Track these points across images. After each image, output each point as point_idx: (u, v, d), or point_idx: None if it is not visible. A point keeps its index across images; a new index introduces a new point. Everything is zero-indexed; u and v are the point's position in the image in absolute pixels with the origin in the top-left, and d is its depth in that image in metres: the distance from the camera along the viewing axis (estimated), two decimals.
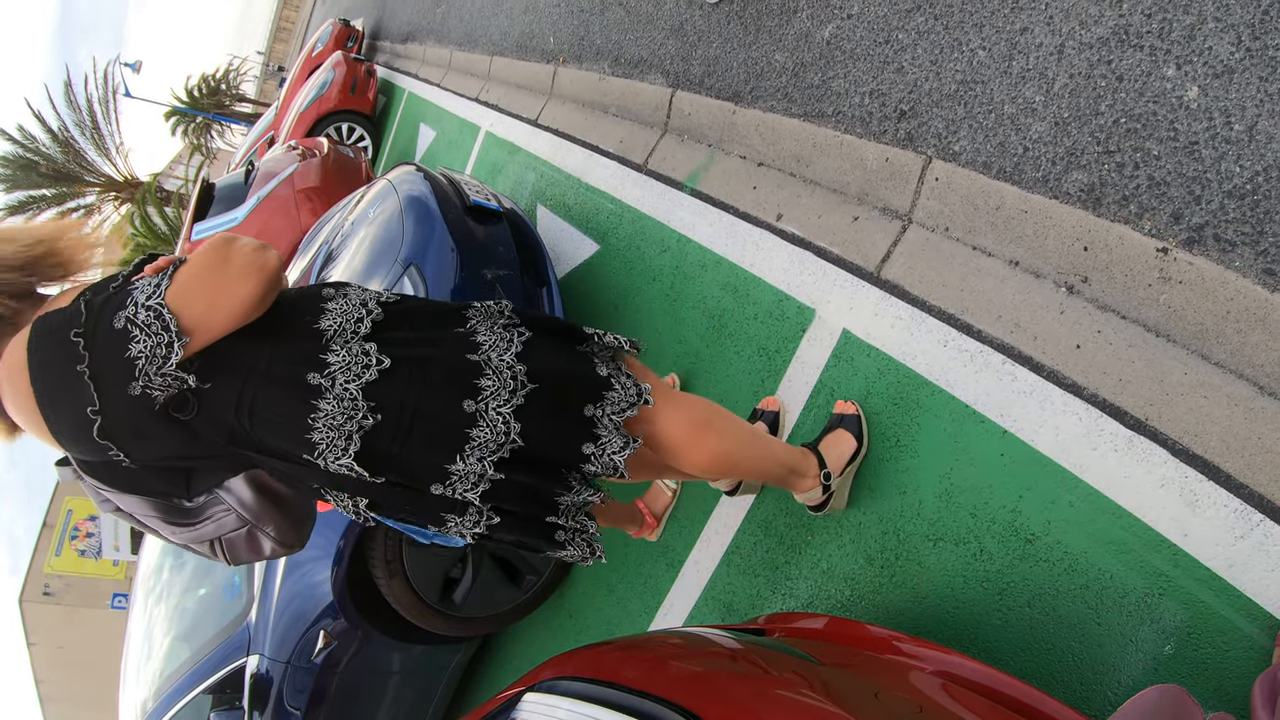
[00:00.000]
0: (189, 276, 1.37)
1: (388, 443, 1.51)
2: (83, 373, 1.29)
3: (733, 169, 3.26)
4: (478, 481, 1.56)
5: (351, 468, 1.49)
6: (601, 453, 1.65)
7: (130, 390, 1.32)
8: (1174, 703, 1.23)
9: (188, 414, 1.42)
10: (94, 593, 22.34)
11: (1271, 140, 1.64)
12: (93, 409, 1.31)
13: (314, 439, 1.47)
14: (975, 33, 2.32)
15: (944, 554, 2.01)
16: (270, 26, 58.86)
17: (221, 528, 1.64)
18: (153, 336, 1.31)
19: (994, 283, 2.12)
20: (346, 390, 1.47)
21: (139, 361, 1.31)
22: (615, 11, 4.55)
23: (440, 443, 1.54)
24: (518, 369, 1.59)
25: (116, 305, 1.33)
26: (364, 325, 1.55)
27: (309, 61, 12.75)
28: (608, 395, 1.66)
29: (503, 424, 1.55)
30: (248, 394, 1.44)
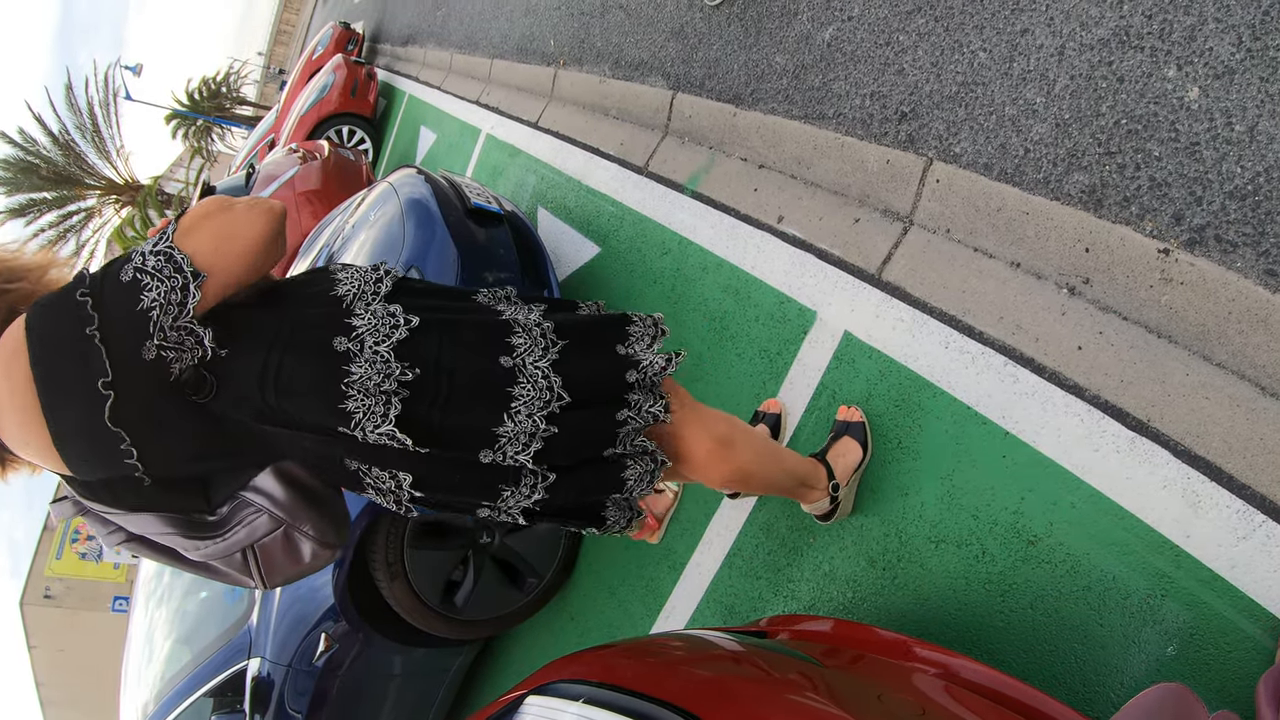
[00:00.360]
0: (195, 219, 1.27)
1: (428, 407, 1.40)
2: (92, 336, 1.15)
3: (734, 171, 3.26)
4: (529, 441, 1.46)
5: (393, 435, 1.37)
6: (645, 376, 1.58)
7: (145, 352, 1.19)
8: (1177, 701, 1.22)
9: (206, 394, 1.29)
10: (95, 596, 22.37)
11: (1272, 141, 1.64)
12: (104, 381, 1.16)
13: (349, 408, 1.35)
14: (976, 34, 2.32)
15: (946, 556, 2.00)
16: (270, 29, 58.97)
17: (253, 532, 1.46)
18: (165, 280, 1.19)
19: (995, 284, 2.12)
20: (377, 353, 1.37)
21: (153, 313, 1.18)
22: (615, 14, 4.56)
23: (483, 403, 1.44)
24: (545, 325, 1.53)
25: (122, 261, 1.22)
26: (384, 285, 1.48)
27: (309, 64, 12.75)
28: (630, 330, 1.63)
29: (543, 378, 1.47)
30: (271, 364, 1.33)
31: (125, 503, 1.37)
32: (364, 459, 1.44)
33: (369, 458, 1.43)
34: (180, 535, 1.44)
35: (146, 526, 1.42)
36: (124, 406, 1.19)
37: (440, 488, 1.50)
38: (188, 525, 1.44)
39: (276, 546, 1.50)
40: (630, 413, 1.56)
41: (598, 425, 1.54)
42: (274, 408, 1.34)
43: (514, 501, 1.53)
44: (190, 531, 1.44)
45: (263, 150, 11.26)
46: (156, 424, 1.26)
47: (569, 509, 1.61)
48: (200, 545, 1.45)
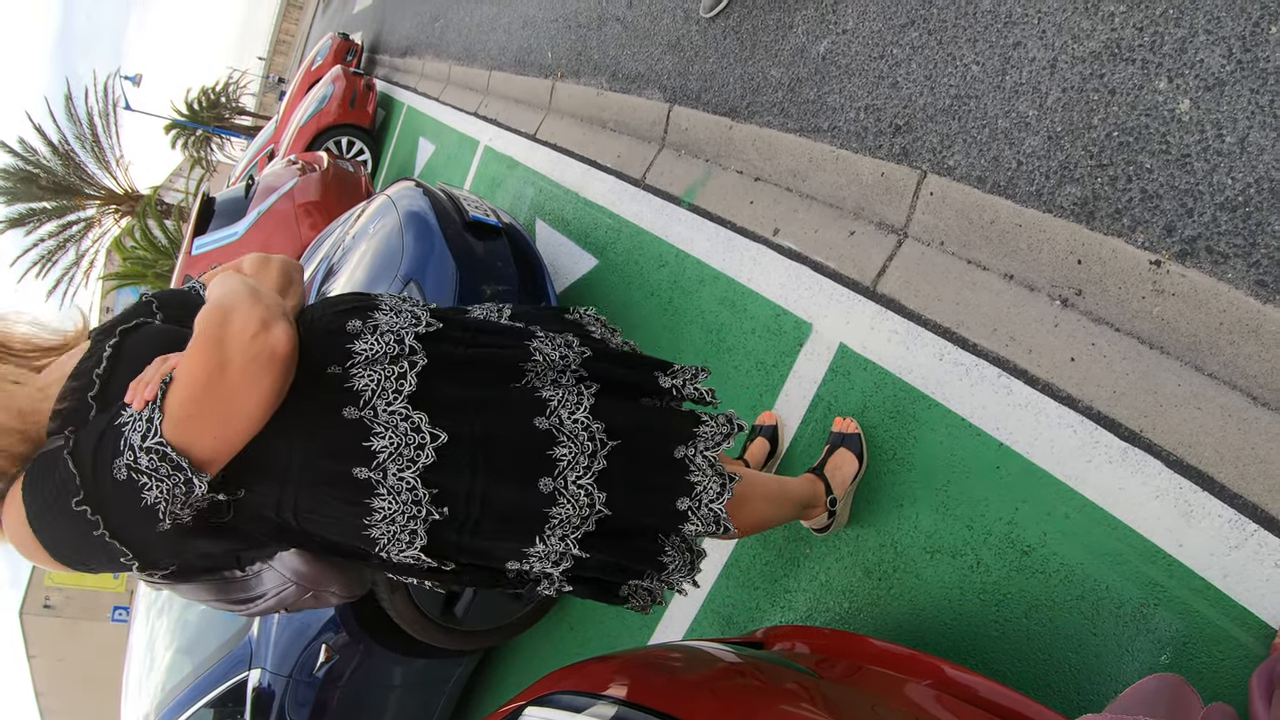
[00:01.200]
0: (185, 402, 1.11)
1: (456, 534, 1.35)
2: (102, 536, 1.10)
3: (730, 184, 3.28)
4: (559, 560, 1.40)
5: (419, 559, 1.33)
6: (699, 505, 1.47)
7: (159, 529, 1.13)
8: (1172, 691, 1.23)
9: (224, 517, 1.24)
10: (94, 605, 22.33)
11: (1263, 152, 1.65)
12: (125, 558, 1.14)
13: (373, 535, 1.30)
14: (969, 48, 2.34)
15: (941, 566, 2.02)
16: (270, 40, 59.07)
17: (283, 600, 1.47)
18: (165, 480, 1.10)
19: (989, 296, 2.14)
20: (402, 480, 1.27)
21: (159, 506, 1.11)
22: (613, 27, 4.58)
23: (516, 528, 1.37)
24: (594, 428, 1.40)
25: (110, 452, 1.09)
26: (407, 383, 1.31)
27: (308, 75, 12.79)
28: (699, 431, 1.50)
29: (585, 496, 1.37)
30: (288, 497, 1.26)
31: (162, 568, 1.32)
32: (388, 570, 1.43)
33: (393, 569, 1.42)
34: (219, 602, 1.47)
35: (188, 594, 1.44)
36: (148, 560, 1.20)
37: (463, 584, 1.53)
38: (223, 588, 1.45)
39: (305, 603, 1.53)
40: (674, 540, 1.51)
41: (637, 550, 1.48)
42: (295, 529, 1.31)
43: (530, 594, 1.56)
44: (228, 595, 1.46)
45: (262, 161, 11.30)
46: (180, 554, 1.28)
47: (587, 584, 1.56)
48: (237, 610, 1.49)
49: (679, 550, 1.52)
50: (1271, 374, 1.60)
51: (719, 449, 1.51)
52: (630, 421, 1.46)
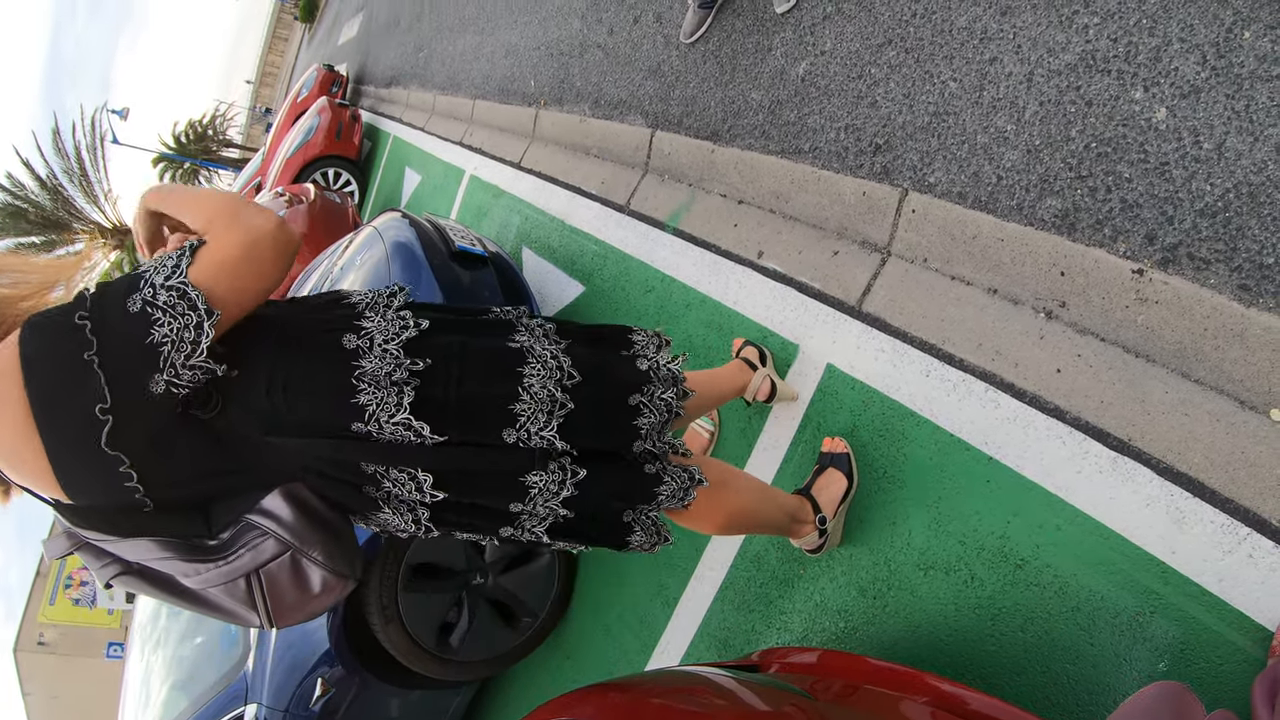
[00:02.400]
0: (213, 256, 1.19)
1: (442, 388, 1.38)
2: (90, 361, 1.08)
3: (713, 207, 3.30)
4: (548, 418, 1.44)
5: (409, 423, 1.33)
6: (658, 365, 1.63)
7: (152, 386, 1.12)
8: (1175, 699, 1.23)
9: (211, 410, 1.22)
10: (89, 642, 22.15)
11: (1240, 157, 1.67)
12: (102, 406, 1.09)
13: (361, 401, 1.31)
14: (946, 65, 2.36)
15: (935, 582, 2.01)
16: (256, 72, 59.41)
17: (258, 556, 1.34)
18: (179, 318, 1.12)
19: (974, 311, 2.14)
20: (386, 350, 1.35)
21: (164, 348, 1.11)
22: (594, 54, 4.62)
23: (496, 376, 1.43)
24: (549, 326, 1.56)
25: (127, 288, 1.14)
26: (397, 299, 1.45)
27: (294, 107, 12.83)
28: (634, 339, 1.67)
29: (552, 358, 1.48)
30: (280, 369, 1.28)
31: (121, 529, 1.28)
32: (380, 459, 1.37)
33: (385, 457, 1.37)
34: (178, 559, 1.32)
35: (142, 553, 1.31)
36: (124, 431, 1.13)
37: (464, 488, 1.44)
38: (186, 550, 1.33)
39: (284, 574, 1.37)
40: (643, 399, 1.57)
41: (615, 408, 1.55)
42: (283, 414, 1.28)
43: (541, 503, 1.48)
44: (189, 555, 1.32)
45: (250, 193, 11.30)
46: (158, 446, 1.19)
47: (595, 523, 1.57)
48: (200, 569, 1.33)
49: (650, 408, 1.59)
50: (1258, 377, 1.61)
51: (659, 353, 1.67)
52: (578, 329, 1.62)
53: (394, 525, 1.47)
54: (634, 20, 4.24)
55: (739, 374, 2.45)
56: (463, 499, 1.45)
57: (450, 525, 1.49)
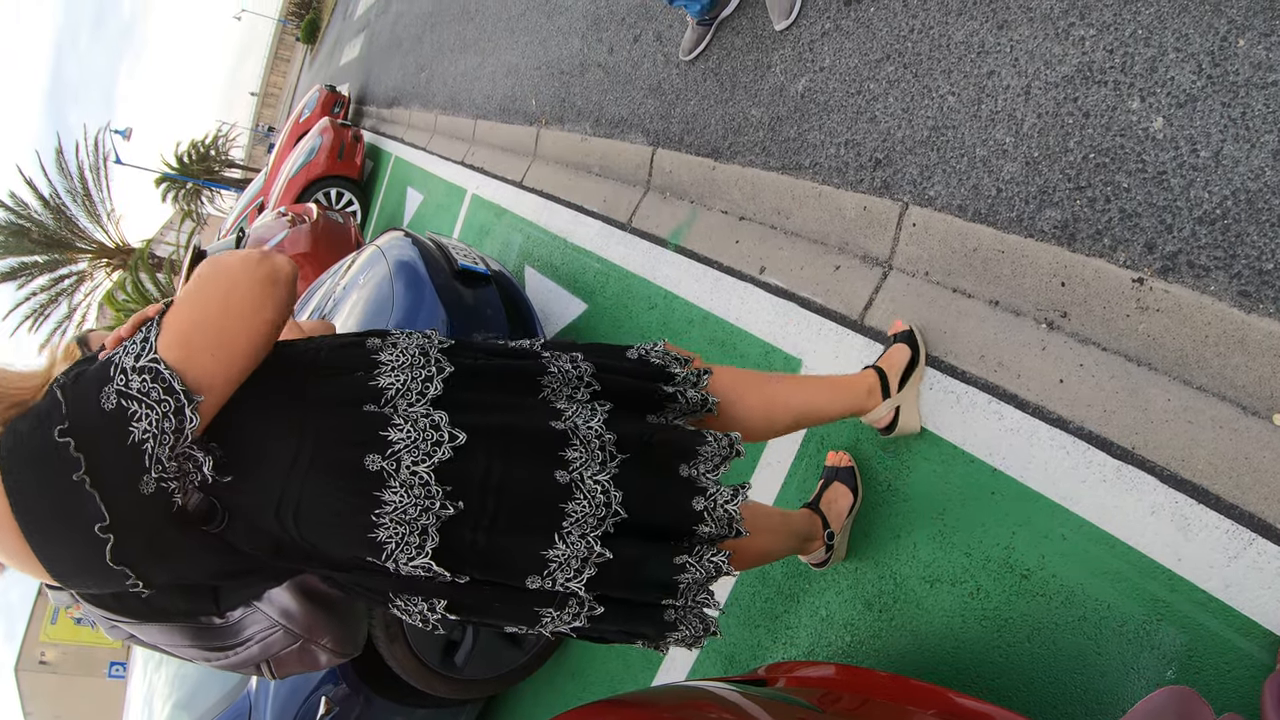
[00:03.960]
0: (183, 318, 1.08)
1: (471, 531, 1.25)
2: (81, 482, 0.98)
3: (715, 224, 3.31)
4: (581, 567, 1.30)
5: (430, 569, 1.21)
6: (714, 505, 1.42)
7: (142, 488, 1.02)
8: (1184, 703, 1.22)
9: (216, 525, 1.13)
10: (91, 661, 22.08)
11: (1238, 164, 1.68)
12: (102, 526, 1.00)
13: (379, 538, 1.19)
14: (944, 79, 2.38)
15: (941, 595, 2.01)
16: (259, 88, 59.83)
17: (268, 648, 1.35)
18: (156, 406, 1.01)
19: (975, 323, 2.15)
20: (415, 475, 1.19)
21: (146, 445, 1.01)
22: (594, 72, 4.65)
23: (534, 523, 1.28)
24: (606, 438, 1.36)
25: (99, 381, 1.03)
26: (433, 386, 1.28)
27: (297, 127, 12.90)
28: (701, 450, 1.46)
29: (601, 493, 1.32)
30: (291, 490, 1.16)
31: (130, 610, 1.21)
32: (396, 589, 1.30)
33: (401, 587, 1.29)
34: (194, 648, 1.31)
35: (155, 637, 1.29)
36: (126, 544, 1.04)
37: (477, 612, 1.36)
38: (199, 635, 1.31)
39: (292, 656, 1.39)
40: (690, 559, 1.42)
41: (656, 565, 1.39)
42: (294, 540, 1.19)
43: (551, 628, 1.39)
44: (203, 642, 1.32)
45: (252, 213, 11.37)
46: (162, 555, 1.11)
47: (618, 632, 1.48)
48: (212, 658, 1.34)
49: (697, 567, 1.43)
50: (1260, 383, 1.61)
51: (719, 470, 1.48)
52: (637, 433, 1.42)
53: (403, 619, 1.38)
54: (634, 39, 4.27)
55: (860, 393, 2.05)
56: (473, 618, 1.37)
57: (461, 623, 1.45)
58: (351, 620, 1.46)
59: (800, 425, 1.88)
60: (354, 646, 1.46)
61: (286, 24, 52.02)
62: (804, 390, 1.88)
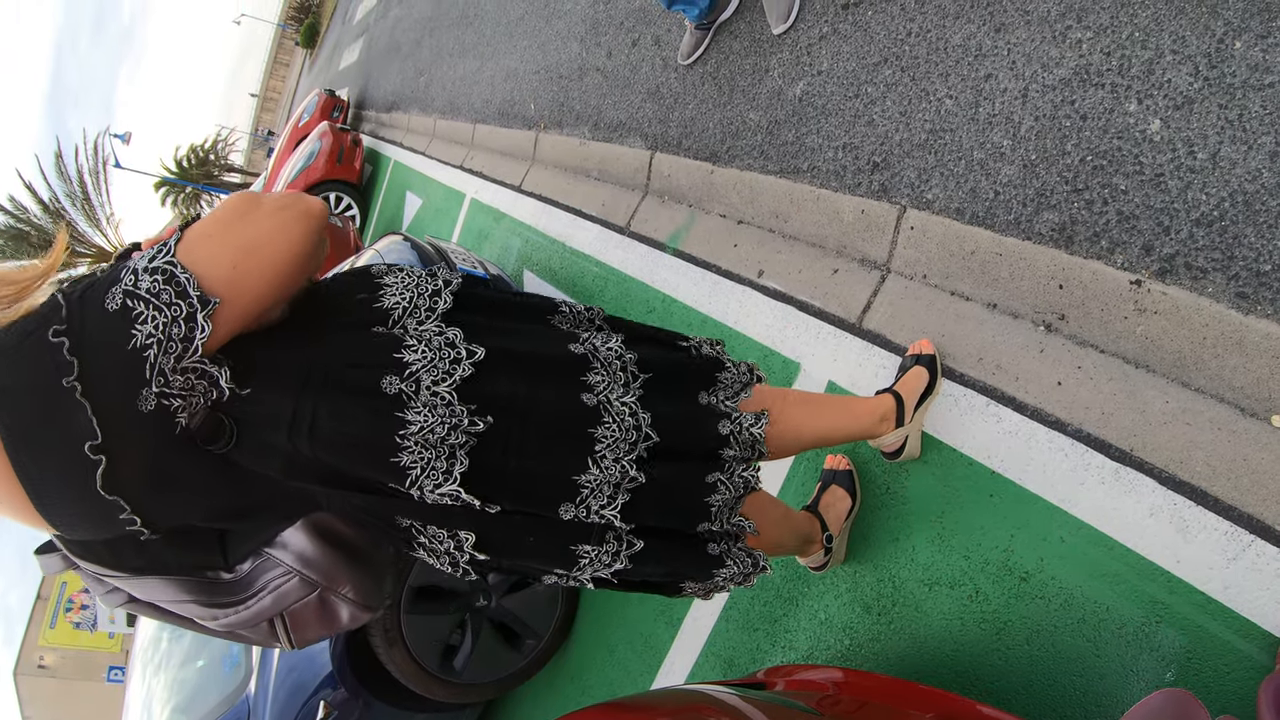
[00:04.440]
0: (207, 226, 1.01)
1: (500, 454, 1.17)
2: (72, 389, 0.88)
3: (713, 228, 3.31)
4: (614, 493, 1.25)
5: (457, 496, 1.13)
6: (740, 429, 1.40)
7: (140, 403, 0.92)
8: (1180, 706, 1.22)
9: (224, 444, 1.03)
10: (90, 666, 22.03)
11: (1235, 166, 1.68)
12: (92, 444, 0.90)
13: (404, 463, 1.10)
14: (941, 82, 2.38)
15: (940, 598, 2.00)
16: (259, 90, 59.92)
17: (282, 599, 1.19)
18: (165, 309, 0.92)
19: (974, 326, 2.15)
20: (437, 395, 1.12)
21: (149, 352, 0.91)
22: (593, 77, 4.65)
23: (565, 446, 1.22)
24: (627, 358, 1.33)
25: (108, 283, 0.94)
26: (442, 300, 1.22)
27: (296, 131, 12.91)
28: (720, 377, 1.45)
29: (630, 415, 1.26)
30: (305, 408, 1.07)
31: (128, 564, 1.11)
32: (421, 518, 1.20)
33: (427, 517, 1.20)
34: (197, 603, 1.17)
35: (154, 593, 1.15)
36: (120, 469, 0.93)
37: (508, 550, 1.27)
38: (204, 589, 1.17)
39: (309, 611, 1.24)
40: (722, 476, 1.38)
41: (688, 485, 1.35)
42: (309, 459, 1.09)
43: (591, 571, 1.31)
44: (208, 597, 1.17)
45: None
46: (161, 485, 1.01)
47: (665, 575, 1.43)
48: (220, 615, 1.19)
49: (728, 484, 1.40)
50: (1257, 384, 1.61)
51: (738, 398, 1.46)
52: (658, 358, 1.40)
53: (429, 562, 1.28)
54: (632, 43, 4.28)
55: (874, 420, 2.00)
56: (504, 559, 1.28)
57: (491, 570, 1.32)
58: (375, 569, 1.30)
59: (806, 449, 1.87)
60: (378, 599, 1.31)
61: (286, 28, 52.09)
62: (819, 417, 1.86)
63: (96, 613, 21.16)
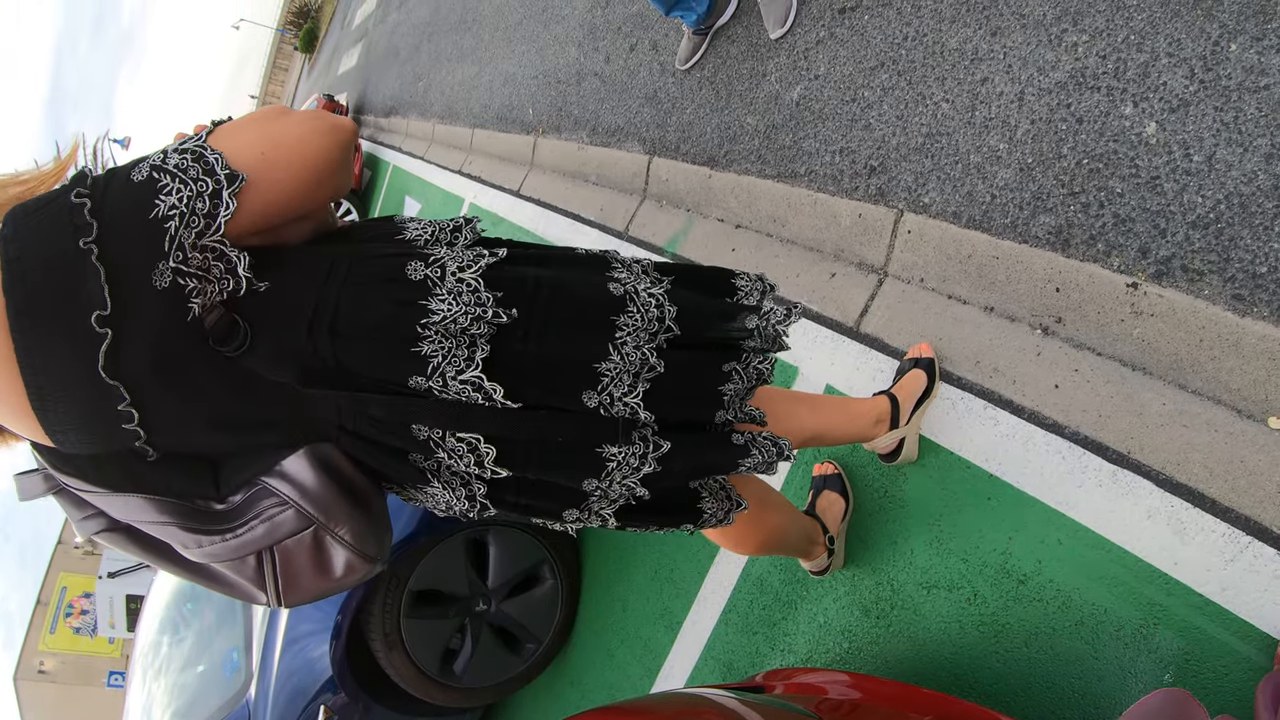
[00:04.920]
0: (239, 121, 1.02)
1: (521, 341, 1.14)
2: (88, 251, 0.86)
3: (711, 232, 3.32)
4: (635, 381, 1.20)
5: (479, 382, 1.09)
6: (766, 323, 1.36)
7: (155, 278, 0.90)
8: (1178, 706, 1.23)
9: (238, 346, 0.99)
10: (90, 671, 21.97)
11: (1230, 168, 1.68)
12: (100, 314, 0.87)
13: (424, 351, 1.07)
14: (938, 86, 2.39)
15: (938, 601, 2.01)
16: (259, 93, 59.97)
17: (274, 530, 1.09)
18: (191, 183, 0.91)
19: (971, 329, 2.15)
20: (463, 281, 1.10)
21: (170, 223, 0.89)
22: (591, 81, 4.66)
23: (587, 331, 1.19)
24: (647, 263, 1.33)
25: (134, 163, 0.94)
26: (463, 234, 1.20)
27: None
28: (738, 285, 1.41)
29: (655, 306, 1.24)
30: (327, 303, 1.04)
31: (110, 480, 1.04)
32: (438, 421, 1.12)
33: (444, 419, 1.12)
34: (177, 525, 1.07)
35: (134, 513, 1.07)
36: (125, 351, 0.90)
37: (533, 460, 1.19)
38: (188, 514, 1.08)
39: (302, 551, 1.13)
40: (737, 365, 1.34)
41: (705, 372, 1.31)
42: (326, 359, 1.05)
43: (620, 477, 1.23)
44: (191, 522, 1.08)
45: None
46: (165, 376, 0.96)
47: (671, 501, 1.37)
48: (203, 541, 1.08)
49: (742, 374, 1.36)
50: (1254, 386, 1.61)
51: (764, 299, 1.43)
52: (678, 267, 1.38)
53: (442, 502, 1.21)
54: (630, 48, 4.29)
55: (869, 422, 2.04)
56: (528, 475, 1.20)
57: (509, 506, 1.24)
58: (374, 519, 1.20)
59: (801, 447, 1.85)
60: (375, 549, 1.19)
61: (284, 33, 52.08)
62: (818, 415, 1.88)
63: (96, 618, 21.16)
